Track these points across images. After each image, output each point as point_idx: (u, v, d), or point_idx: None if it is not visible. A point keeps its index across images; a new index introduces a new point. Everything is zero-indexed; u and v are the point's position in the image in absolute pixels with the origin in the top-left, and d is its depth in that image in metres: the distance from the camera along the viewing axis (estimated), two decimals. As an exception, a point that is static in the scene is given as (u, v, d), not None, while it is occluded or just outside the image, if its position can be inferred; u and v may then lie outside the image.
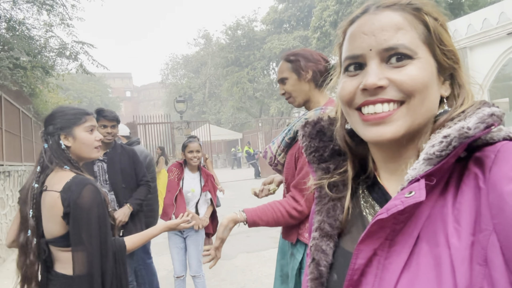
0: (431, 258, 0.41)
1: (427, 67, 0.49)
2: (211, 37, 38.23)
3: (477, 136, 0.41)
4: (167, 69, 45.06)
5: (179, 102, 14.76)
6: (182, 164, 3.27)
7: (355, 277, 0.48)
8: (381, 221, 0.44)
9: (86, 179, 1.42)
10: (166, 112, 19.89)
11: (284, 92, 1.59)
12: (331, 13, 19.25)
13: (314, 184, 0.63)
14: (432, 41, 0.50)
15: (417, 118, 0.49)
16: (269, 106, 25.96)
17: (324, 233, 0.59)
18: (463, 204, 0.41)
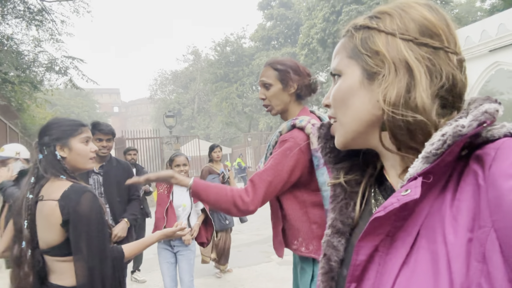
0: (428, 254, 0.42)
1: (347, 81, 0.55)
2: (200, 53, 38.56)
3: (470, 134, 0.42)
4: (156, 84, 45.07)
5: (169, 117, 14.75)
6: None
7: (356, 272, 0.50)
8: (378, 219, 0.46)
9: (84, 187, 1.43)
10: (155, 128, 19.79)
11: (265, 98, 1.58)
12: (318, 30, 19.68)
13: (329, 183, 0.65)
14: (358, 53, 0.54)
15: (347, 127, 0.55)
16: (258, 121, 26.09)
17: (336, 230, 0.61)
18: (462, 201, 0.42)
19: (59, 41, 8.38)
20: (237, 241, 6.68)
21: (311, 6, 21.44)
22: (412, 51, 0.50)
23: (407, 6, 0.53)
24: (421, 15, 0.51)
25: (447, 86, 0.49)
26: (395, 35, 0.51)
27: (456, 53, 0.51)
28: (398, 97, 0.48)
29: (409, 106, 0.48)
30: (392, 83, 0.49)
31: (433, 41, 0.50)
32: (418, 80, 0.48)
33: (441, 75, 0.49)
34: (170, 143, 14.34)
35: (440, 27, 0.51)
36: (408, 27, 0.51)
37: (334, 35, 19.28)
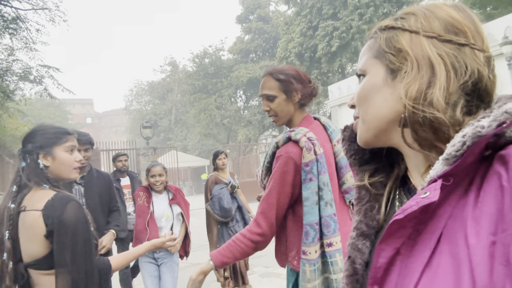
0: (451, 257, 0.42)
1: (370, 80, 0.56)
2: (177, 65, 38.37)
3: (490, 134, 0.41)
4: (132, 95, 44.32)
5: (146, 127, 14.53)
6: (148, 187, 3.19)
7: (378, 274, 0.50)
8: (398, 222, 0.46)
9: (69, 195, 1.38)
10: (129, 139, 19.41)
11: (269, 109, 1.58)
12: (296, 45, 20.06)
13: (354, 186, 0.65)
14: (382, 52, 0.55)
15: (368, 124, 0.57)
16: (237, 133, 26.09)
17: (361, 233, 0.61)
18: (484, 204, 0.41)
19: (33, 50, 8.15)
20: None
21: (288, 21, 21.88)
22: (435, 47, 0.50)
23: (433, 7, 0.54)
24: (447, 14, 0.52)
25: (472, 81, 0.49)
26: (418, 32, 0.52)
27: (483, 50, 0.51)
28: (419, 93, 0.49)
29: (429, 102, 0.48)
30: (414, 79, 0.50)
31: (458, 38, 0.50)
32: (437, 77, 0.49)
33: (466, 70, 0.49)
34: (147, 154, 14.10)
35: (466, 24, 0.51)
36: (432, 25, 0.52)
37: (311, 49, 19.70)
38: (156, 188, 3.13)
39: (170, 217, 3.17)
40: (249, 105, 28.12)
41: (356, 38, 18.45)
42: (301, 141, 1.46)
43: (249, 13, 27.94)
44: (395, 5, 19.19)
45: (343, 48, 18.94)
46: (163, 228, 3.14)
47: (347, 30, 18.42)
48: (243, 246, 1.44)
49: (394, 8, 19.14)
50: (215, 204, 3.64)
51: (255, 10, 27.52)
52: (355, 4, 18.49)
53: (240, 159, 19.01)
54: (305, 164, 1.44)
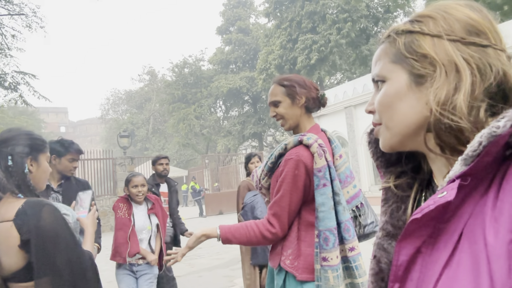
0: (470, 256, 0.42)
1: (393, 85, 0.55)
2: (156, 74, 38.05)
3: (506, 133, 0.41)
4: (108, 104, 43.61)
5: (123, 137, 14.23)
6: (128, 198, 3.09)
7: (399, 272, 0.50)
8: (416, 221, 0.46)
9: (41, 200, 1.30)
10: (105, 149, 18.98)
11: (276, 114, 1.63)
12: (276, 57, 20.34)
13: (381, 187, 0.66)
14: (402, 57, 0.55)
15: (394, 130, 0.56)
16: (216, 143, 25.99)
17: (387, 233, 0.62)
18: (504, 202, 0.41)
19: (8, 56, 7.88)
20: (198, 266, 6.48)
21: (268, 33, 22.20)
22: (460, 51, 0.50)
23: (448, 8, 0.53)
24: (465, 15, 0.52)
25: (497, 82, 0.49)
26: (441, 36, 0.51)
27: (503, 50, 0.51)
28: (446, 98, 0.49)
29: (453, 108, 0.48)
30: (443, 84, 0.50)
31: (480, 39, 0.50)
32: (463, 82, 0.48)
33: (491, 72, 0.49)
34: (124, 164, 13.77)
35: (485, 25, 0.51)
36: (454, 28, 0.51)
37: (291, 61, 20.01)
38: (137, 199, 3.05)
39: (151, 229, 3.09)
40: (229, 116, 28.13)
41: (334, 52, 18.90)
42: (313, 146, 1.48)
43: (230, 25, 28.18)
44: (372, 21, 19.85)
45: (321, 61, 19.34)
46: (143, 240, 3.06)
47: (326, 44, 18.85)
48: (252, 235, 1.48)
49: (371, 24, 19.78)
50: (248, 214, 3.27)
51: (235, 22, 27.79)
52: (333, 19, 18.99)
53: (220, 169, 18.89)
54: (318, 170, 1.46)
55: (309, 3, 19.76)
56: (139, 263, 2.99)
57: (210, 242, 5.51)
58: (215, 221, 13.98)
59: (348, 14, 18.70)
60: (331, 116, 14.71)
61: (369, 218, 1.64)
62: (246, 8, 28.91)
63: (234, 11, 28.13)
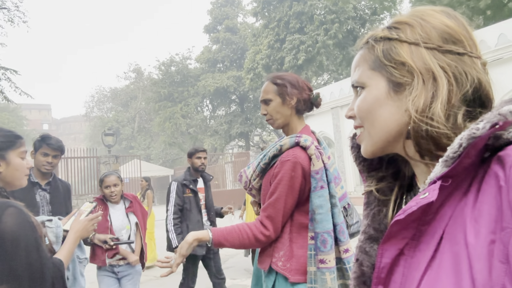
0: (451, 256, 0.43)
1: (372, 92, 0.56)
2: (142, 72, 37.59)
3: (485, 135, 0.42)
4: (93, 101, 42.88)
5: (108, 135, 14.01)
6: (103, 199, 3.00)
7: (382, 275, 0.51)
8: (399, 222, 0.47)
9: (6, 201, 1.23)
10: (89, 147, 18.63)
11: (266, 113, 1.61)
12: (263, 56, 20.36)
13: (364, 192, 0.66)
14: (381, 65, 0.55)
15: (375, 137, 0.57)
16: (203, 142, 25.82)
17: (369, 236, 0.63)
18: (483, 203, 0.42)
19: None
20: (182, 266, 6.40)
21: (256, 33, 22.20)
22: (436, 59, 0.51)
23: (425, 15, 0.54)
24: (442, 23, 0.52)
25: (473, 89, 0.50)
26: (419, 44, 0.52)
27: (479, 57, 0.52)
28: (425, 106, 0.50)
29: (431, 116, 0.49)
30: (421, 92, 0.50)
31: (457, 47, 0.51)
32: (440, 90, 0.49)
33: (467, 80, 0.50)
34: (108, 163, 13.56)
35: (461, 33, 0.52)
36: (431, 36, 0.52)
37: (278, 61, 20.05)
38: (112, 199, 2.96)
39: (132, 227, 3.03)
40: (215, 115, 28.01)
41: (322, 53, 19.02)
42: (311, 148, 1.47)
43: (217, 24, 28.06)
44: (359, 23, 20.05)
45: (309, 61, 19.44)
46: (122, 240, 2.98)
47: (313, 45, 18.96)
48: (245, 237, 1.44)
49: (358, 25, 19.98)
50: None
51: (223, 20, 27.69)
52: (321, 19, 19.11)
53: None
54: (315, 172, 1.45)
55: (297, 4, 19.83)
56: (120, 264, 2.93)
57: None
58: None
59: (336, 15, 18.85)
60: (318, 117, 14.79)
61: (354, 218, 1.65)
62: (234, 7, 28.84)
63: (222, 9, 28.02)
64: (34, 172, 2.46)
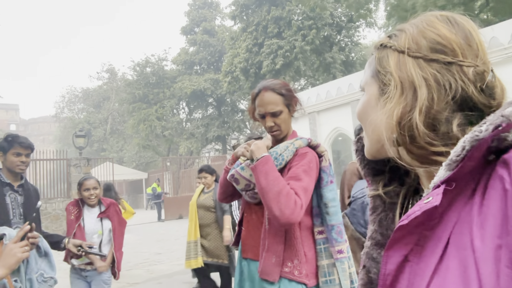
0: (458, 262, 0.42)
1: (367, 98, 0.59)
2: (116, 72, 36.70)
3: (488, 137, 0.41)
4: (63, 102, 41.45)
5: (79, 136, 13.50)
6: (79, 201, 3.04)
7: (387, 282, 0.49)
8: (402, 228, 0.46)
9: None
10: (59, 148, 17.93)
11: (273, 125, 1.56)
12: (241, 60, 20.33)
13: (369, 195, 0.65)
14: (376, 71, 0.57)
15: (370, 140, 0.59)
16: (178, 145, 25.43)
17: (376, 242, 0.62)
18: (489, 207, 0.41)
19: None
20: (157, 272, 6.24)
21: (234, 36, 22.16)
22: (420, 69, 0.51)
23: (425, 22, 0.54)
24: (435, 32, 0.52)
25: (458, 99, 0.49)
26: (404, 52, 0.53)
27: (475, 66, 0.50)
28: (403, 116, 0.50)
29: (409, 126, 0.49)
30: (397, 102, 0.51)
31: (444, 57, 0.50)
32: (418, 101, 0.50)
33: (450, 89, 0.49)
34: (79, 165, 13.05)
35: (455, 41, 0.51)
36: (420, 45, 0.52)
37: (256, 65, 20.07)
38: (90, 202, 3.00)
39: (102, 234, 3.02)
40: (192, 118, 27.68)
41: (299, 58, 19.21)
42: (321, 146, 1.57)
43: (195, 25, 27.84)
44: (335, 29, 20.41)
45: (286, 66, 19.58)
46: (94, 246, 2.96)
47: (291, 50, 19.12)
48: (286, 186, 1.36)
49: (334, 32, 20.34)
50: (357, 215, 2.26)
51: (200, 22, 27.50)
52: (299, 25, 19.32)
53: (181, 172, 18.49)
54: (326, 167, 1.54)
55: (275, 9, 19.96)
56: (88, 269, 2.93)
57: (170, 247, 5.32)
58: (173, 225, 13.60)
59: (313, 21, 19.11)
60: (294, 122, 14.80)
61: None
62: (212, 10, 28.72)
63: (200, 11, 27.84)
64: (4, 173, 2.34)
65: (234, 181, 1.58)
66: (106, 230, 3.03)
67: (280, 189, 1.33)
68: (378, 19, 20.92)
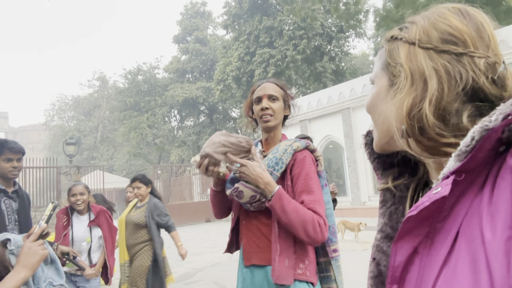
0: (468, 254, 0.41)
1: (377, 90, 0.59)
2: (107, 80, 36.57)
3: (498, 127, 0.41)
4: (53, 109, 41.08)
5: (69, 144, 13.39)
6: (68, 209, 3.03)
7: (397, 274, 0.49)
8: (411, 218, 0.46)
9: None
10: (48, 157, 17.72)
11: (269, 108, 1.57)
12: (234, 68, 20.47)
13: (379, 188, 0.66)
14: (387, 64, 0.57)
15: (379, 132, 0.59)
16: (169, 153, 25.31)
17: (386, 235, 0.62)
18: (499, 199, 0.41)
19: None
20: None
21: (226, 45, 22.32)
22: (431, 60, 0.51)
23: (436, 14, 0.54)
24: (447, 23, 0.52)
25: (468, 90, 0.49)
26: (415, 44, 0.53)
27: (486, 56, 0.50)
28: (412, 107, 0.50)
29: (420, 116, 0.49)
30: (407, 93, 0.51)
31: (455, 47, 0.50)
32: (429, 91, 0.49)
33: (460, 80, 0.49)
34: (69, 173, 12.91)
35: (466, 32, 0.51)
36: (431, 36, 0.52)
37: (248, 74, 20.21)
38: (77, 207, 2.97)
39: (90, 241, 3.03)
40: (184, 125, 27.63)
41: (290, 67, 19.42)
42: (318, 151, 1.63)
43: (187, 34, 27.97)
44: (326, 39, 20.71)
45: (278, 75, 19.75)
46: (83, 252, 2.99)
47: (282, 59, 19.33)
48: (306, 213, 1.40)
49: (325, 42, 20.63)
50: None
51: (192, 31, 27.65)
52: (290, 35, 19.56)
53: (172, 180, 18.39)
54: (321, 172, 1.59)
55: (267, 18, 20.21)
56: (78, 274, 2.93)
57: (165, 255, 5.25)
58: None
59: (304, 31, 19.38)
60: (286, 129, 14.86)
61: None
62: (204, 19, 28.93)
63: (192, 21, 28.01)
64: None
65: (237, 196, 1.52)
66: (96, 237, 3.02)
67: (302, 219, 1.39)
68: (368, 30, 21.31)
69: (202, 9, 29.03)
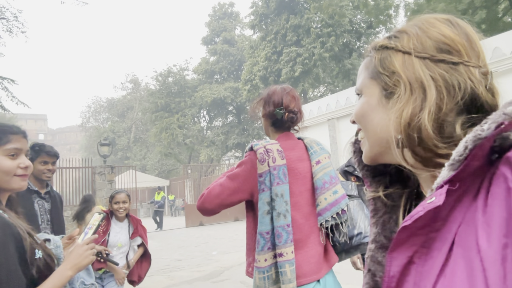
0: (464, 262, 0.41)
1: (367, 99, 0.58)
2: (139, 82, 37.70)
3: (490, 136, 0.41)
4: (89, 111, 42.85)
5: (104, 145, 13.91)
6: (109, 214, 3.19)
7: (392, 284, 0.49)
8: (406, 228, 0.46)
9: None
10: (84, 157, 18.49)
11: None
12: (261, 68, 20.50)
13: (368, 198, 0.64)
14: (377, 73, 0.56)
15: (372, 141, 0.58)
16: (199, 153, 25.75)
17: (380, 245, 0.60)
18: (493, 207, 0.41)
19: (-16, 59, 7.61)
20: (177, 279, 6.31)
21: (253, 45, 22.39)
22: (428, 69, 0.51)
23: (426, 23, 0.54)
24: (440, 32, 0.52)
25: (466, 99, 0.49)
26: (411, 53, 0.52)
27: (479, 66, 0.51)
28: (413, 116, 0.50)
29: (420, 126, 0.49)
30: (407, 103, 0.51)
31: (451, 57, 0.50)
32: (428, 101, 0.49)
33: (459, 89, 0.49)
34: (103, 173, 13.43)
35: (459, 42, 0.51)
36: (425, 45, 0.52)
37: (275, 73, 20.19)
38: (118, 214, 3.17)
39: (124, 246, 3.16)
40: (212, 125, 28.02)
41: (318, 65, 19.19)
42: (258, 152, 1.55)
43: (215, 35, 28.30)
44: (354, 36, 20.30)
45: (305, 73, 19.59)
46: (115, 258, 3.10)
47: (310, 57, 19.13)
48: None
49: (354, 39, 20.22)
50: None
51: (220, 33, 27.94)
52: (318, 33, 19.33)
53: (202, 179, 18.70)
54: (259, 175, 1.52)
55: (294, 17, 20.08)
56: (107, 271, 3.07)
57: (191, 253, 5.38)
58: (194, 232, 13.74)
59: (332, 28, 19.08)
60: (314, 128, 14.83)
61: (356, 229, 1.61)
62: (232, 20, 29.15)
63: (220, 22, 28.31)
64: (31, 181, 2.44)
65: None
66: (133, 244, 3.21)
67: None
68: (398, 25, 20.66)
69: (230, 10, 29.27)
